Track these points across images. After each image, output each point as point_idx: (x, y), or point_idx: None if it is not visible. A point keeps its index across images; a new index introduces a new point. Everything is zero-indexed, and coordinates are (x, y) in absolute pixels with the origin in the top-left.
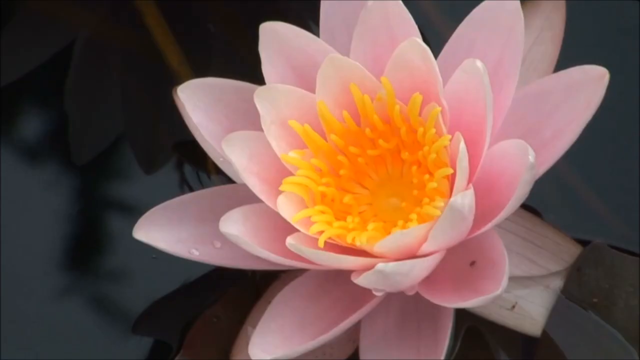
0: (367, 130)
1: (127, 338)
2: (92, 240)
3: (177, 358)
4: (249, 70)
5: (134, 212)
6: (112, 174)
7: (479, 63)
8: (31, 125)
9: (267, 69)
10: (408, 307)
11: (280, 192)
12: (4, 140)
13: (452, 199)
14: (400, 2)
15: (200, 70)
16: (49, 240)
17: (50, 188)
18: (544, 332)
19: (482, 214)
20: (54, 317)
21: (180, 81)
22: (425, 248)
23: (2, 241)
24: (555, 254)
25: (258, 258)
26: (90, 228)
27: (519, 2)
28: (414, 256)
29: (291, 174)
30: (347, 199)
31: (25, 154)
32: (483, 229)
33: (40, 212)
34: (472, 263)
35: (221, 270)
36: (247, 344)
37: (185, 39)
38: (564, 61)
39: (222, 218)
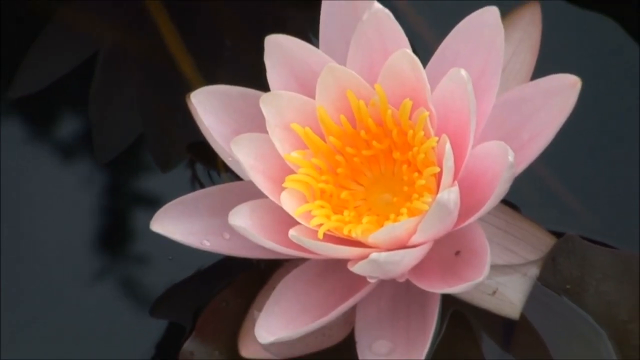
0: (362, 132)
1: (146, 320)
2: (114, 232)
3: (190, 338)
4: (255, 78)
5: (152, 206)
6: (131, 172)
7: (463, 72)
8: (61, 128)
9: (272, 77)
10: (399, 293)
11: (283, 189)
12: (39, 141)
13: (439, 195)
14: (392, 16)
15: (211, 78)
16: (78, 231)
17: (78, 184)
18: (522, 315)
19: (466, 209)
20: (81, 299)
21: (193, 88)
22: (415, 239)
23: (38, 231)
24: (532, 245)
25: (263, 248)
26: (112, 220)
27: (499, 16)
28: (404, 247)
29: (293, 172)
30: (344, 194)
31: (56, 153)
32: (467, 222)
33: (70, 205)
34: (457, 253)
35: (230, 260)
36: (254, 326)
37: (198, 50)
38: (541, 69)
39: (231, 212)
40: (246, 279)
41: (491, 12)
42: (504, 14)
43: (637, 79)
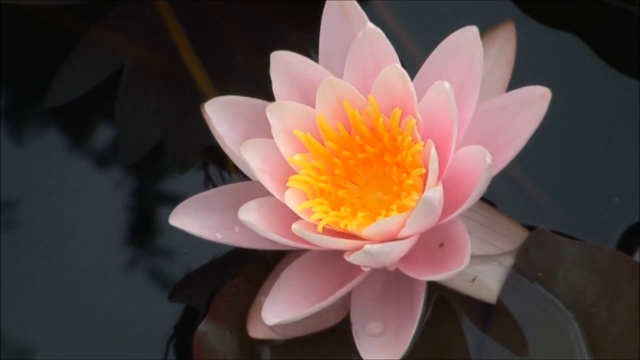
0: (357, 138)
1: (165, 304)
2: (136, 226)
3: (204, 320)
4: (262, 89)
5: (170, 203)
6: (152, 174)
7: (446, 84)
8: (91, 134)
9: (277, 88)
10: (390, 280)
11: (287, 188)
12: (71, 146)
13: (425, 193)
14: (384, 35)
15: (223, 90)
16: (104, 226)
17: (105, 184)
18: (499, 300)
19: (449, 205)
20: (109, 286)
21: (207, 99)
22: (404, 232)
23: (71, 227)
24: (508, 237)
25: (269, 240)
26: (135, 216)
27: (478, 35)
28: (394, 239)
29: (296, 173)
30: (341, 193)
31: (86, 157)
32: (450, 217)
33: (99, 203)
34: (441, 244)
35: (240, 251)
36: (261, 309)
37: (211, 65)
38: (515, 81)
39: (241, 208)
40: (254, 268)
41: (471, 31)
42: (482, 31)
43: (602, 89)
